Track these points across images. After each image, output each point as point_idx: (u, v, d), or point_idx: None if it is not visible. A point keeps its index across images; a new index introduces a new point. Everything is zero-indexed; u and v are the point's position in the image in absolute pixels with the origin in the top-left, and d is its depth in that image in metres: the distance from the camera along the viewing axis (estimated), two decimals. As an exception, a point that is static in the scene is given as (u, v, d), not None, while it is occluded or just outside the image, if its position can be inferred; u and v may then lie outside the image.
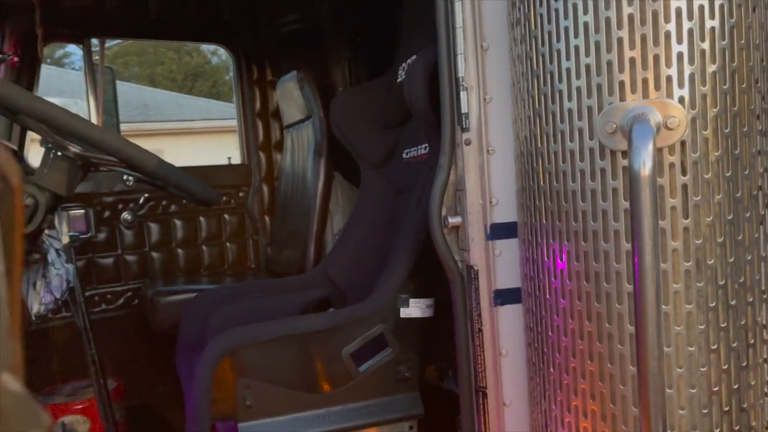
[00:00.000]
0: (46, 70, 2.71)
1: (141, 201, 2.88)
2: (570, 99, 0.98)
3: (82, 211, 2.79)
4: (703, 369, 0.95)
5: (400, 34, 2.04)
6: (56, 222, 1.66)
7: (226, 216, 3.12)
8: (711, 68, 0.91)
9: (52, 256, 1.59)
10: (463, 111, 1.22)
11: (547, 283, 1.07)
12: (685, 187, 0.90)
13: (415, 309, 1.57)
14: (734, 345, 0.97)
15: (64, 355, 2.66)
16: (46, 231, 1.58)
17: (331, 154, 2.49)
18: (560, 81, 0.99)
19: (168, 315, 2.34)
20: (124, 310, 2.85)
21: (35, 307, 1.63)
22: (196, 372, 1.38)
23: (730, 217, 0.94)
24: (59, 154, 1.49)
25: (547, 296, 1.07)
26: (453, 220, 1.27)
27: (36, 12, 2.49)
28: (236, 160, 3.29)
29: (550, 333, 1.08)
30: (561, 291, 1.04)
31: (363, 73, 2.77)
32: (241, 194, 3.15)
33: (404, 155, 1.90)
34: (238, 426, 1.42)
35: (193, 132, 12.37)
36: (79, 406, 2.33)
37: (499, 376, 1.24)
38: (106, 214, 2.83)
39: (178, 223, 3.00)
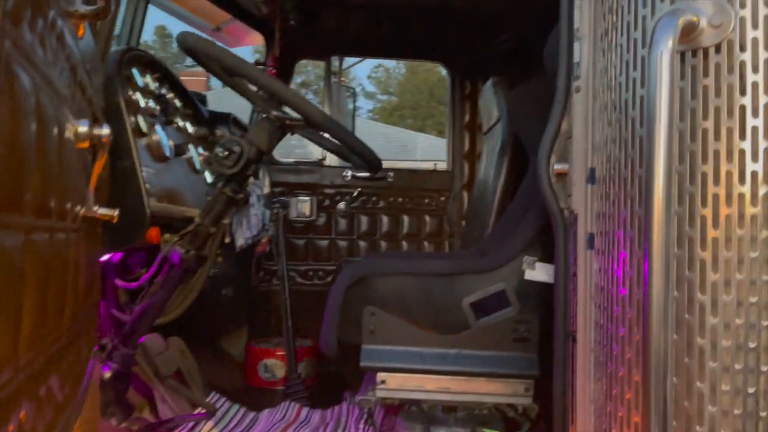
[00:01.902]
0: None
1: (354, 194, 3.30)
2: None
3: (308, 198, 3.33)
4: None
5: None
6: (260, 174, 2.08)
7: (427, 217, 3.38)
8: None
9: (253, 200, 2.00)
10: (575, 60, 1.28)
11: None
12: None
13: (540, 273, 1.60)
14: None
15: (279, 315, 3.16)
16: (251, 180, 1.99)
17: (515, 154, 2.59)
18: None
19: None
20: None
21: (240, 241, 2.05)
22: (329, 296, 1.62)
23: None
24: (264, 116, 1.90)
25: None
26: (559, 167, 1.31)
27: (294, 33, 3.10)
28: (442, 167, 3.55)
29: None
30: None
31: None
32: (442, 198, 3.39)
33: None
34: (361, 347, 1.62)
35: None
36: (280, 353, 2.75)
37: (588, 321, 1.23)
38: (326, 203, 3.31)
39: (384, 218, 3.36)
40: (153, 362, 1.76)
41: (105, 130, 0.96)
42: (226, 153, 1.84)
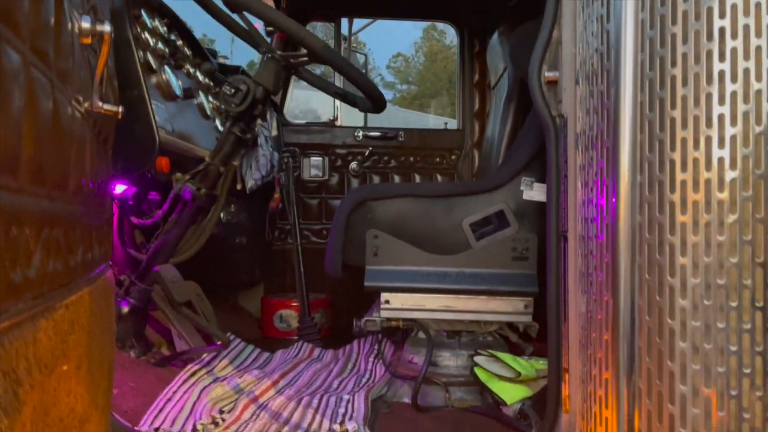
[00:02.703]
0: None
1: (366, 154, 3.35)
2: None
3: (320, 158, 3.39)
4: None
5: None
6: (268, 116, 2.14)
7: (438, 176, 3.41)
8: None
9: (261, 140, 2.06)
10: (563, -33, 1.30)
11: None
12: None
13: (538, 193, 1.63)
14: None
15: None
16: (259, 121, 2.05)
17: (521, 101, 2.60)
18: None
19: None
20: None
21: (249, 182, 2.12)
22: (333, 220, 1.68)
23: None
24: (269, 56, 1.95)
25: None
26: (550, 74, 1.34)
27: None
28: (453, 126, 3.57)
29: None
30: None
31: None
32: (453, 157, 3.42)
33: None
34: (365, 269, 1.67)
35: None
36: (294, 304, 2.82)
37: (578, 218, 1.26)
38: (338, 162, 3.36)
39: (396, 177, 3.40)
40: (168, 289, 1.84)
41: (106, 27, 1.01)
42: (233, 91, 1.90)
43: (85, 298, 0.92)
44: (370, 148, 3.35)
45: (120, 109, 1.12)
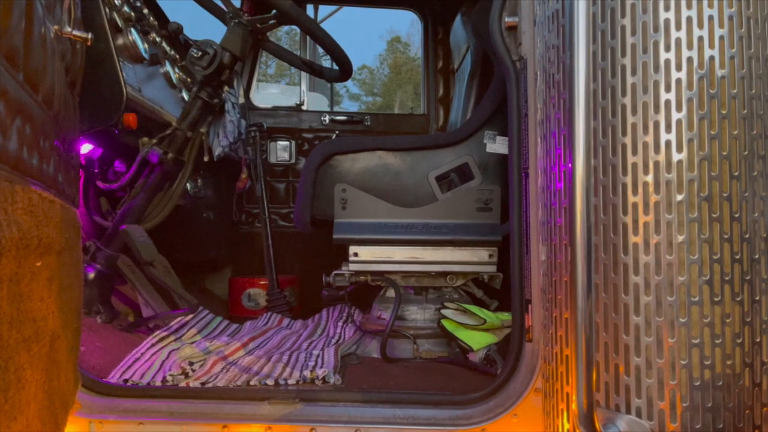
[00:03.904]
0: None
1: (333, 138, 3.38)
2: None
3: (287, 142, 3.40)
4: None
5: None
6: (235, 83, 2.16)
7: None
8: None
9: (228, 106, 2.07)
10: None
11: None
12: None
13: (501, 146, 1.69)
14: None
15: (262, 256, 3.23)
16: (226, 88, 2.07)
17: (484, 75, 2.67)
18: None
19: None
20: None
21: (217, 150, 2.12)
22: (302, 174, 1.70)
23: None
24: (236, 21, 1.97)
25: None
26: (510, 20, 1.40)
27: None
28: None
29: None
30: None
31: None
32: (417, 140, 3.48)
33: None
34: (334, 221, 1.69)
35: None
36: (262, 282, 2.82)
37: (538, 156, 1.31)
38: (305, 147, 3.38)
39: (363, 160, 3.44)
40: (135, 247, 1.83)
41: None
42: (200, 54, 1.92)
43: (56, 206, 0.93)
44: (337, 132, 3.38)
45: (90, 35, 1.13)
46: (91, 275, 1.93)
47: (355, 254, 1.72)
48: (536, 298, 1.30)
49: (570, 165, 0.87)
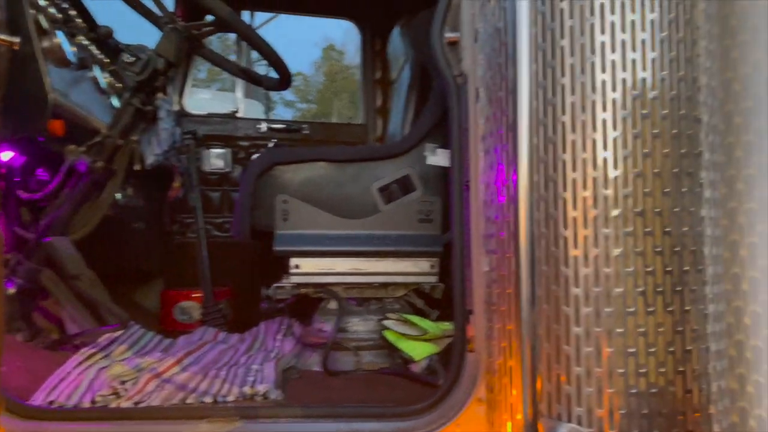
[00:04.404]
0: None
1: (270, 146, 3.33)
2: None
3: (222, 150, 3.33)
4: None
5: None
6: (169, 90, 2.09)
7: None
8: None
9: (162, 113, 2.00)
10: (461, -64, 1.39)
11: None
12: None
13: (441, 158, 1.71)
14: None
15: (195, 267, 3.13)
16: (160, 94, 2.00)
17: (423, 87, 2.70)
18: None
19: None
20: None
21: (150, 158, 2.05)
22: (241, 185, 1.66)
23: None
24: (171, 26, 1.91)
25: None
26: (451, 35, 1.43)
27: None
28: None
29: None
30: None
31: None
32: (355, 150, 3.48)
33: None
34: (275, 233, 1.67)
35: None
36: (196, 295, 2.74)
37: (478, 170, 1.34)
38: (241, 155, 3.31)
39: (302, 169, 3.41)
40: (61, 259, 1.73)
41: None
42: (133, 59, 1.85)
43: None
44: (275, 140, 3.33)
45: (17, 40, 1.07)
46: (11, 291, 1.82)
47: (297, 266, 1.69)
48: (478, 308, 1.32)
49: (513, 179, 0.89)
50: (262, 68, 2.54)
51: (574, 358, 0.94)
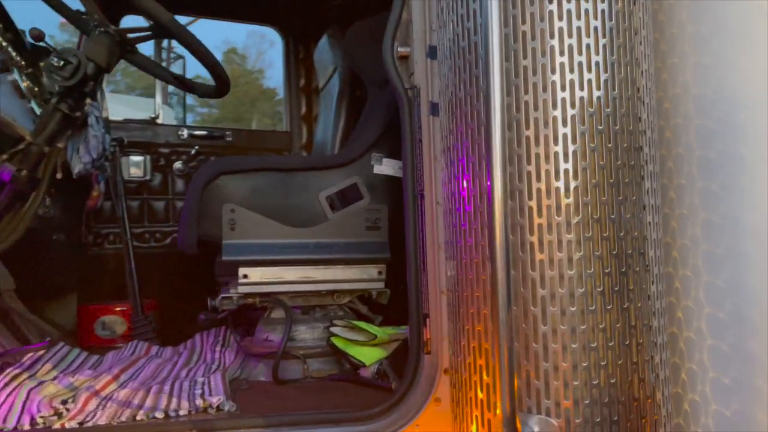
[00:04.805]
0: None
1: (192, 153, 3.24)
2: None
3: (140, 157, 3.20)
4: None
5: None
6: (98, 96, 2.00)
7: None
8: None
9: (92, 120, 1.91)
10: (411, -44, 1.45)
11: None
12: None
13: (387, 167, 1.76)
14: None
15: (117, 277, 2.98)
16: (89, 100, 1.91)
17: (353, 96, 2.74)
18: None
19: None
20: (171, 248, 3.16)
21: (77, 167, 1.95)
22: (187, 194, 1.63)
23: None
24: (102, 30, 1.84)
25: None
26: (402, 50, 1.48)
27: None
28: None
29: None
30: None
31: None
32: (282, 158, 3.46)
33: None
34: (222, 243, 1.64)
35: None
36: (119, 309, 2.61)
37: (433, 179, 1.40)
38: (161, 162, 3.20)
39: (225, 176, 3.34)
40: (-14, 276, 1.61)
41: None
42: (62, 63, 1.76)
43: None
44: (197, 147, 3.25)
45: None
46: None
47: (245, 276, 1.68)
48: (434, 312, 1.38)
49: (488, 189, 0.95)
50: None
51: (542, 354, 1.02)
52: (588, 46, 1.05)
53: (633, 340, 1.05)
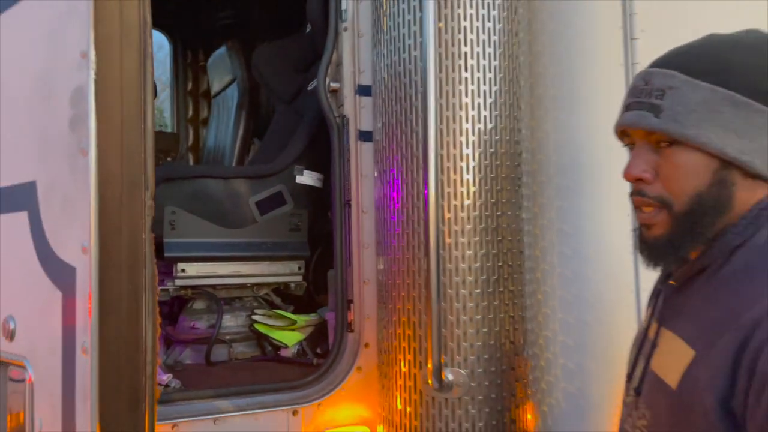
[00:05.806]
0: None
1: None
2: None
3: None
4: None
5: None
6: None
7: None
8: None
9: None
10: (343, 8, 1.79)
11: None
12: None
13: (308, 178, 2.08)
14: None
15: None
16: None
17: (252, 107, 2.99)
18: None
19: None
20: None
21: None
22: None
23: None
24: None
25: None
26: (334, 85, 1.81)
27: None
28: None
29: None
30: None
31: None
32: (169, 159, 3.57)
33: (309, 87, 2.45)
34: (163, 240, 1.85)
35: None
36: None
37: (359, 191, 1.75)
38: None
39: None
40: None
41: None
42: None
43: None
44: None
45: None
46: None
47: (183, 270, 1.89)
48: (357, 298, 1.73)
49: (425, 199, 1.34)
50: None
51: (455, 323, 1.42)
52: (489, 80, 1.50)
53: (507, 317, 1.50)
